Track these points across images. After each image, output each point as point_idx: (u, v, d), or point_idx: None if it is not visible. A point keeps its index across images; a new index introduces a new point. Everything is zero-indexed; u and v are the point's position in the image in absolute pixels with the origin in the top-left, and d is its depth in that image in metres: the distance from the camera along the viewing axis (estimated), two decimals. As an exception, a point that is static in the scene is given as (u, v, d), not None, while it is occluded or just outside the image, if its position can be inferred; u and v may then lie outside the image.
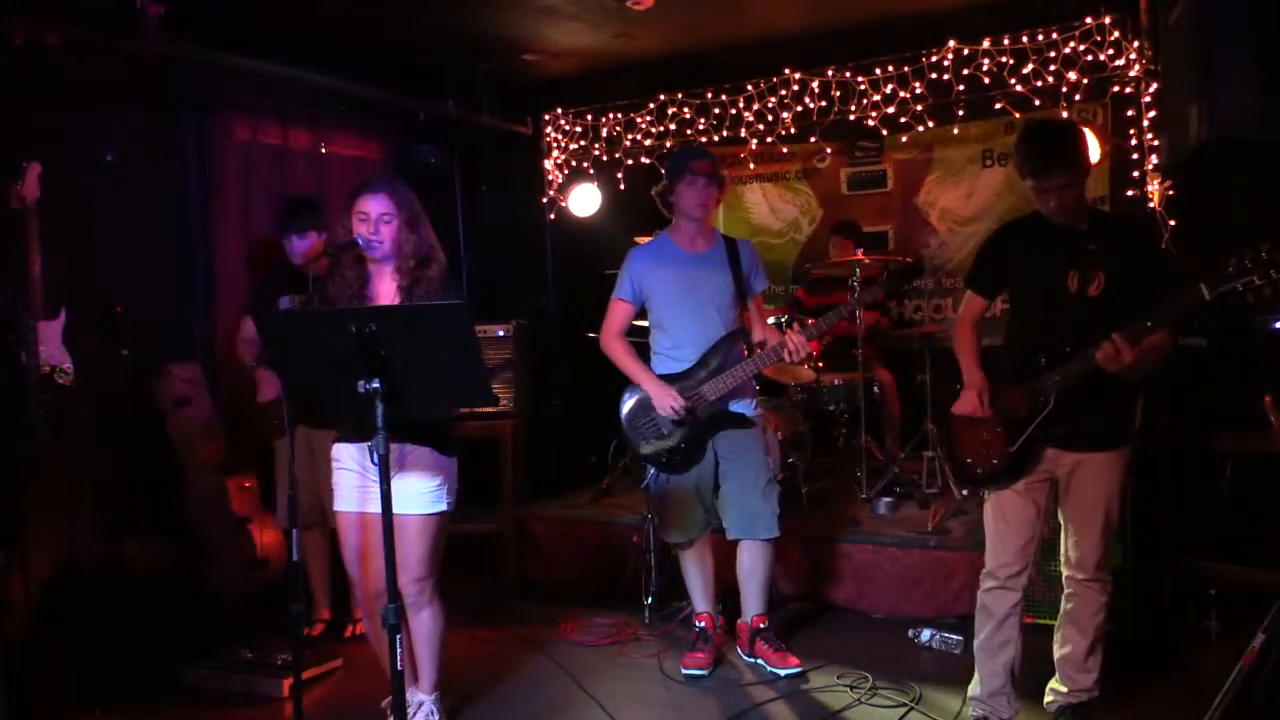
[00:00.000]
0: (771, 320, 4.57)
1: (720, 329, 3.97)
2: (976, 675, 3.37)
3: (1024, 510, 3.21)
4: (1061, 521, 3.27)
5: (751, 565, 4.09)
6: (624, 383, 4.08)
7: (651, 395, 3.95)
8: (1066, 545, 3.25)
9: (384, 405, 2.62)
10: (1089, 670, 3.26)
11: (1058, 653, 3.31)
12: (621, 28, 5.64)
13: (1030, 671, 3.36)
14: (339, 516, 3.34)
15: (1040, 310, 3.23)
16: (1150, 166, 5.16)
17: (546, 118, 6.87)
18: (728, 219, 7.11)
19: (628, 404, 4.05)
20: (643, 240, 4.40)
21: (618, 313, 4.09)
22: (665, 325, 4.05)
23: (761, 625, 4.14)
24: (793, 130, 6.00)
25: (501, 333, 5.52)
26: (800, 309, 6.03)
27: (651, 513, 4.39)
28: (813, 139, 6.01)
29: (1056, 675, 3.34)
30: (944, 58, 5.48)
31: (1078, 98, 5.32)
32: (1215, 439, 4.16)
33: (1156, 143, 5.14)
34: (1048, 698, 3.35)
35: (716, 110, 6.17)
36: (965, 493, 4.86)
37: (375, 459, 2.64)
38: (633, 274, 4.06)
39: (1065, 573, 3.26)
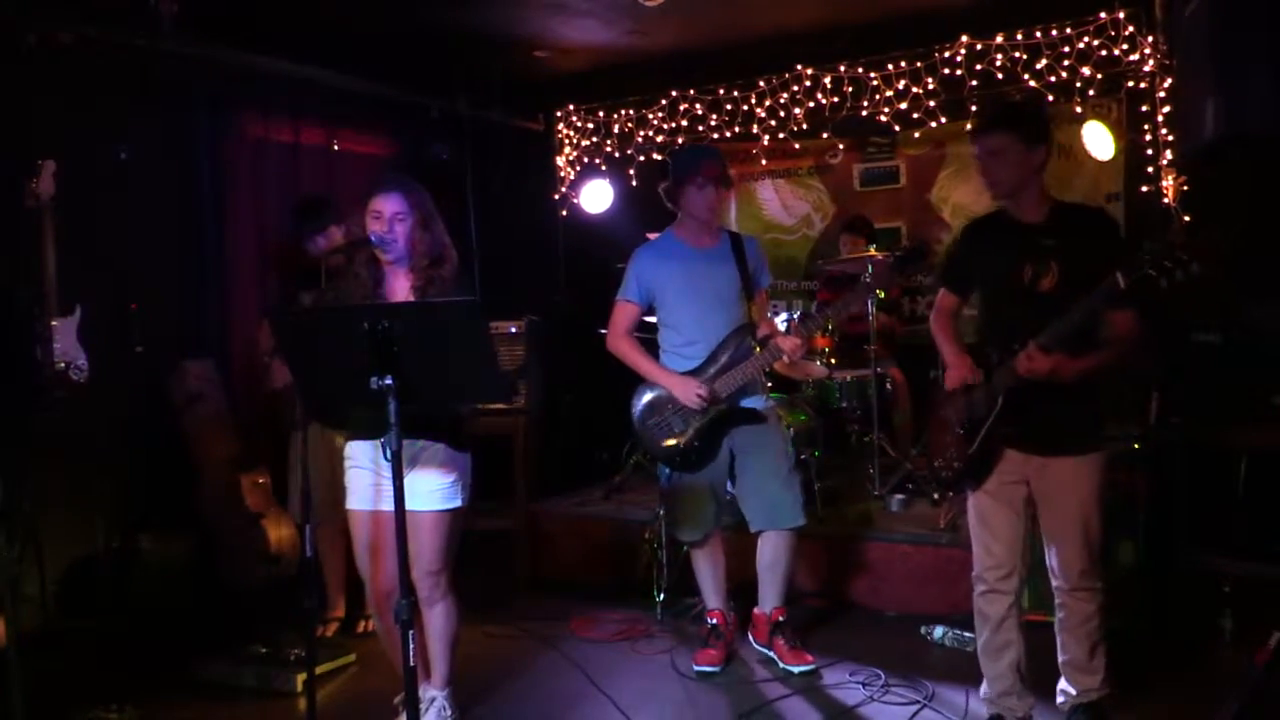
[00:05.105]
0: (784, 317, 4.56)
1: (727, 325, 3.96)
2: (985, 679, 3.35)
3: (1001, 513, 3.19)
4: (1042, 530, 3.22)
5: (774, 556, 4.05)
6: (636, 379, 4.07)
7: (673, 389, 3.92)
8: (1048, 555, 3.21)
9: (397, 402, 2.62)
10: (1094, 671, 3.22)
11: (1060, 657, 3.28)
12: (633, 24, 5.64)
13: (1042, 668, 3.34)
14: (351, 515, 3.34)
15: (998, 307, 3.22)
16: (1165, 162, 5.14)
17: (558, 114, 6.89)
18: (740, 215, 7.10)
19: (639, 403, 4.04)
20: (654, 237, 4.39)
21: (624, 314, 4.07)
22: (674, 322, 4.04)
23: (781, 619, 4.11)
24: (805, 126, 5.99)
25: (513, 329, 5.52)
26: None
27: (663, 509, 4.39)
28: (825, 135, 6.00)
29: (1063, 678, 3.32)
30: (956, 53, 5.47)
31: (1092, 93, 5.31)
32: (1229, 435, 4.14)
33: (1171, 138, 5.12)
34: (1059, 698, 3.32)
35: (728, 106, 6.16)
36: (937, 496, 4.95)
37: (388, 455, 2.65)
38: (639, 273, 4.05)
39: (1053, 582, 3.22)
